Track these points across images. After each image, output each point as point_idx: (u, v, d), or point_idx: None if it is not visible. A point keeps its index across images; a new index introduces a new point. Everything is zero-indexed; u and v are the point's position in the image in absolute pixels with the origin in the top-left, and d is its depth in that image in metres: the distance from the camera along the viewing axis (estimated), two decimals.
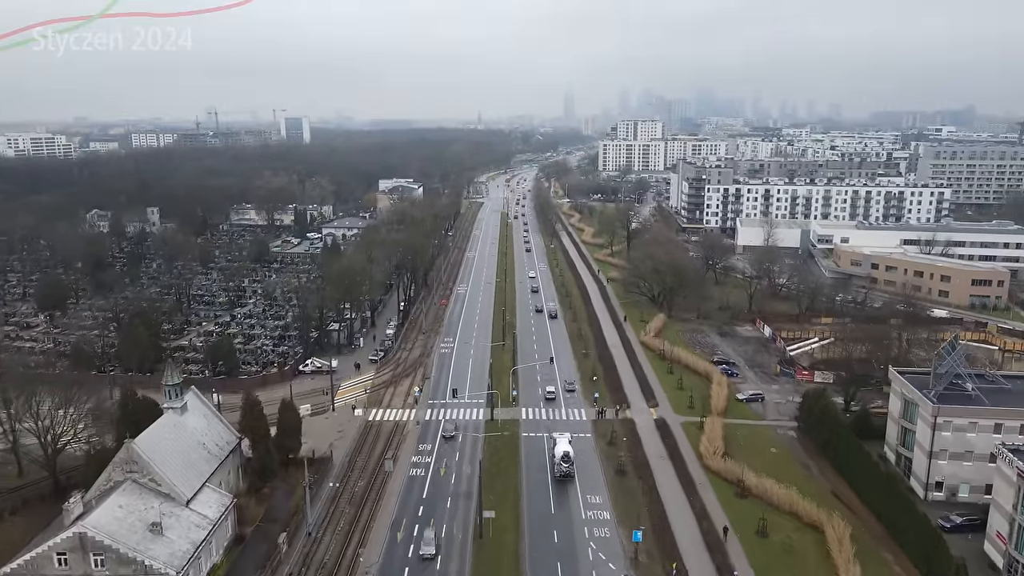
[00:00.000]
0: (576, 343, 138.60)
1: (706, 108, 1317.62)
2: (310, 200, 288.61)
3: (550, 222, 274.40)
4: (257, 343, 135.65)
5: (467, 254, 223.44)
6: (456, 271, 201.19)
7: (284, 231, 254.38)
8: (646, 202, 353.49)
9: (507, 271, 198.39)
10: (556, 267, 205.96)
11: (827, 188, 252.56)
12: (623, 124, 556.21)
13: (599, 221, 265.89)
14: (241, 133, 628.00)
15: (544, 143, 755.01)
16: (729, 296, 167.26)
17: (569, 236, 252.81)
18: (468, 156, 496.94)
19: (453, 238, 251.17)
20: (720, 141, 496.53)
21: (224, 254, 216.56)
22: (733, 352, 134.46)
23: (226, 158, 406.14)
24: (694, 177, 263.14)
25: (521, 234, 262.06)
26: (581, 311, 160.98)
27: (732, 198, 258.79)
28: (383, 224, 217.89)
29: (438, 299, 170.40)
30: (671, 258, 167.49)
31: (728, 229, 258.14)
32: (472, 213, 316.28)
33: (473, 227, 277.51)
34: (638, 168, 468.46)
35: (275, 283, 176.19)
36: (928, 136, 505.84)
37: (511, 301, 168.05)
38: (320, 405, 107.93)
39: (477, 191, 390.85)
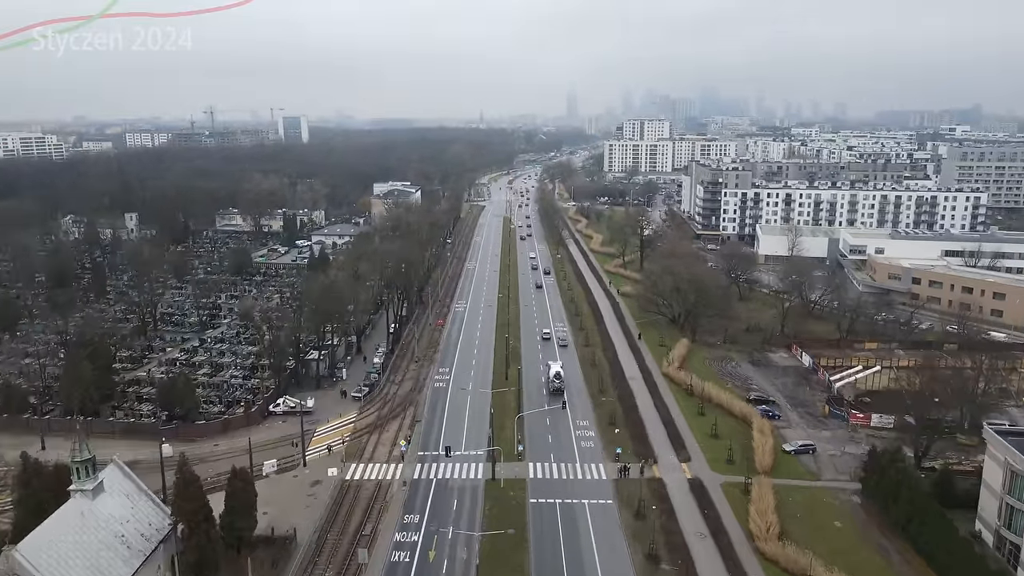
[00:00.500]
0: (590, 374, 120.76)
1: (710, 107, 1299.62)
2: (301, 204, 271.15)
3: (556, 228, 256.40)
4: (226, 375, 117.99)
5: (467, 265, 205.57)
6: (455, 285, 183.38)
7: (273, 238, 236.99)
8: (655, 205, 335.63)
9: (510, 286, 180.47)
10: (564, 280, 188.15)
11: (853, 192, 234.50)
12: (629, 124, 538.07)
13: (608, 228, 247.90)
14: (237, 133, 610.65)
15: (547, 143, 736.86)
16: (757, 315, 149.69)
17: (577, 244, 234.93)
18: (469, 156, 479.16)
19: (452, 246, 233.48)
20: (729, 141, 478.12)
21: (204, 265, 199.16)
22: (770, 386, 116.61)
23: (217, 159, 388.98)
24: (710, 181, 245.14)
25: (525, 241, 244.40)
26: (593, 333, 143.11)
27: (750, 203, 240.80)
28: (376, 232, 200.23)
29: (433, 318, 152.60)
30: (693, 273, 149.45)
31: (746, 236, 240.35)
32: (473, 218, 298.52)
33: (474, 233, 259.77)
34: (645, 169, 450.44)
35: (253, 301, 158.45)
36: (945, 136, 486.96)
37: (515, 321, 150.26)
38: (289, 459, 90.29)
39: (478, 193, 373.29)
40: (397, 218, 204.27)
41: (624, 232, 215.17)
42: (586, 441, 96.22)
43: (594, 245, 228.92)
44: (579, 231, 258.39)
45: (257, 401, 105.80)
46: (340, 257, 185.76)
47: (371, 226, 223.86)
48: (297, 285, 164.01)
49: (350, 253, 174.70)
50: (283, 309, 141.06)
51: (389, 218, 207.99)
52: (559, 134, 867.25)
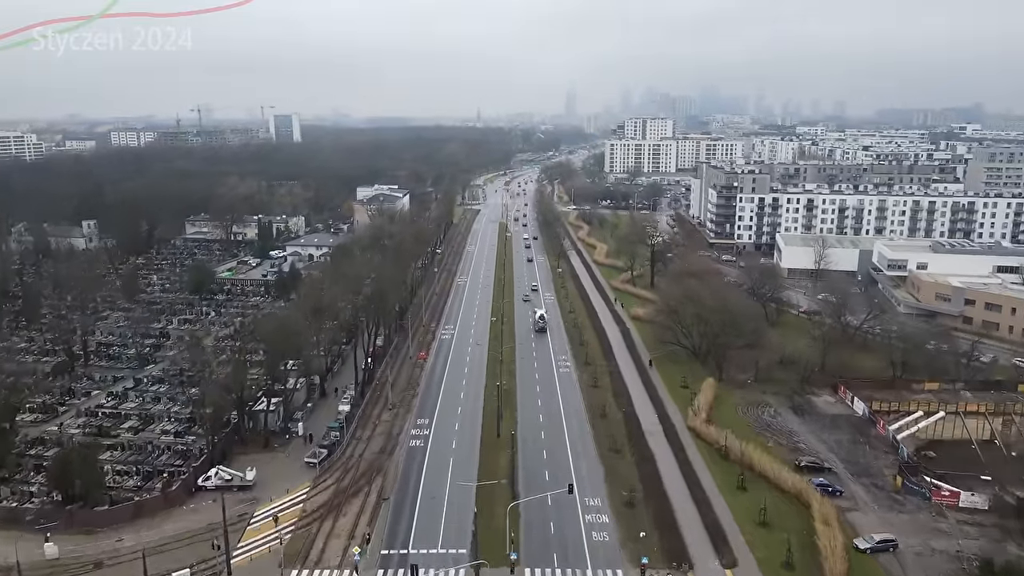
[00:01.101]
0: (599, 426, 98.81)
1: (710, 106, 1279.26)
2: (280, 209, 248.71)
3: (556, 237, 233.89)
4: (154, 430, 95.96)
5: (457, 280, 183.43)
6: (442, 305, 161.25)
7: (247, 247, 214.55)
8: (661, 209, 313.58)
9: (505, 307, 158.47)
10: (566, 299, 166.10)
11: (881, 198, 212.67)
12: (631, 122, 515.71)
13: (613, 237, 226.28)
14: (226, 132, 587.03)
15: (545, 142, 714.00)
16: (789, 343, 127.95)
17: (579, 255, 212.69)
18: (464, 156, 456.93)
19: (442, 256, 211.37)
20: (735, 140, 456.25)
21: (163, 280, 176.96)
22: (820, 444, 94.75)
23: (199, 159, 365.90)
24: (724, 185, 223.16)
25: (522, 251, 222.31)
26: (602, 369, 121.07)
27: (768, 209, 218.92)
28: (356, 243, 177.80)
29: (415, 349, 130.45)
30: (715, 295, 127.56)
31: (763, 245, 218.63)
32: (467, 223, 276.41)
33: (467, 241, 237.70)
34: (648, 170, 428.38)
35: (209, 327, 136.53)
36: (960, 136, 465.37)
37: (510, 353, 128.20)
38: (207, 567, 68.30)
39: (473, 196, 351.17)
40: (379, 228, 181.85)
41: (631, 243, 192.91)
42: (599, 532, 74.29)
43: (598, 256, 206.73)
44: (581, 239, 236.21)
45: (183, 471, 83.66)
46: (314, 272, 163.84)
47: (352, 236, 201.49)
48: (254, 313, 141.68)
49: (321, 274, 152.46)
50: (243, 336, 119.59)
51: (371, 228, 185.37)
52: (557, 133, 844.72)
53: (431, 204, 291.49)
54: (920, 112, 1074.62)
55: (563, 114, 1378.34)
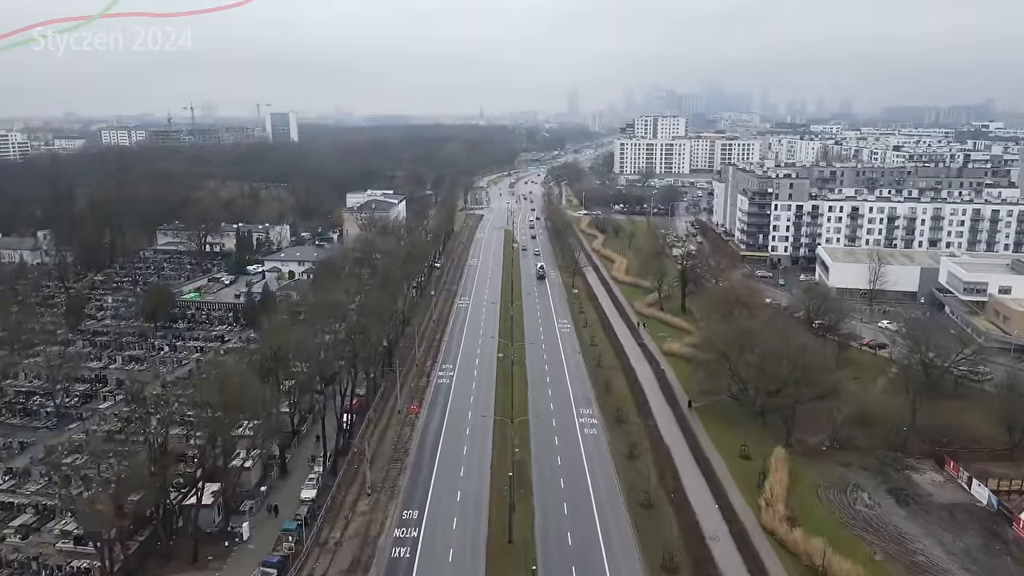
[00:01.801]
0: (643, 527, 73.88)
1: (715, 103, 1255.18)
2: (265, 216, 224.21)
3: (568, 248, 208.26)
4: (52, 530, 71.40)
5: (458, 303, 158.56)
6: (440, 335, 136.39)
7: (225, 260, 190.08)
8: (678, 214, 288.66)
9: (514, 336, 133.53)
10: (584, 327, 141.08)
11: (936, 206, 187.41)
12: (641, 120, 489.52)
13: (632, 249, 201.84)
14: (220, 130, 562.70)
15: (550, 140, 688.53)
16: (862, 388, 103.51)
17: (595, 270, 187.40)
18: (467, 156, 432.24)
19: (442, 272, 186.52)
20: (751, 140, 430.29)
21: (119, 303, 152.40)
22: (941, 551, 69.84)
23: (184, 160, 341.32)
24: (756, 191, 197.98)
25: (532, 264, 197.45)
26: (637, 428, 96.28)
27: (807, 218, 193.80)
28: (343, 260, 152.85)
29: (404, 400, 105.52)
30: (773, 332, 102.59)
31: (802, 259, 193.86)
32: (469, 231, 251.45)
33: (468, 253, 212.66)
34: (660, 171, 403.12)
35: (158, 369, 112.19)
36: (986, 134, 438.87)
37: (521, 402, 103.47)
38: None
39: (476, 199, 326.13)
40: (369, 243, 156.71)
41: (657, 259, 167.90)
42: None
43: (618, 272, 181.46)
44: (596, 251, 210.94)
45: None
46: (291, 296, 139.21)
47: (339, 250, 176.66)
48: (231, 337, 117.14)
49: (298, 298, 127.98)
50: (200, 385, 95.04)
51: (360, 241, 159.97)
52: (562, 131, 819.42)
53: (430, 210, 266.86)
54: (930, 110, 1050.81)
55: (566, 112, 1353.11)
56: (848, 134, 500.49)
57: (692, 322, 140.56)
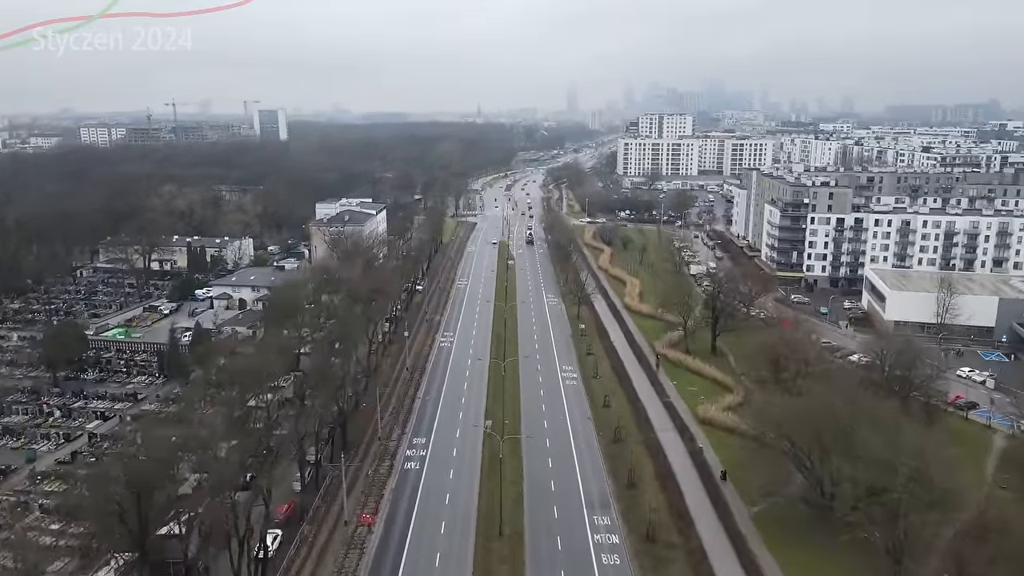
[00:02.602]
0: None
1: (715, 102, 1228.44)
2: (227, 228, 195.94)
3: (572, 266, 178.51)
4: None
5: (440, 340, 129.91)
6: (413, 389, 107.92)
7: (175, 281, 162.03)
8: (690, 222, 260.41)
9: (506, 394, 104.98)
10: (594, 377, 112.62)
11: (1002, 220, 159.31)
12: (645, 119, 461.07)
13: (645, 267, 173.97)
14: (204, 128, 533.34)
15: (549, 139, 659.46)
16: (975, 479, 75.82)
17: (604, 294, 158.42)
18: (461, 156, 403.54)
19: (424, 297, 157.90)
20: (763, 140, 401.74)
21: (24, 342, 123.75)
22: None
23: (153, 161, 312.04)
24: (790, 201, 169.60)
25: (529, 285, 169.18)
26: (675, 555, 68.09)
27: (849, 233, 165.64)
28: (300, 289, 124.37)
29: (354, 504, 76.88)
30: (862, 410, 74.28)
31: (842, 281, 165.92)
32: (459, 243, 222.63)
33: (457, 272, 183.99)
34: (667, 172, 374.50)
35: (28, 452, 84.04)
36: (1013, 133, 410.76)
37: (517, 499, 75.14)
38: None
39: (469, 205, 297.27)
40: (331, 272, 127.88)
41: (678, 285, 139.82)
42: None
43: (631, 298, 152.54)
44: (603, 269, 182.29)
45: None
46: (237, 332, 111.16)
47: (304, 271, 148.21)
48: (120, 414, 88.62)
49: (235, 346, 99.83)
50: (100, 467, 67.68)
51: (319, 271, 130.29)
52: (561, 129, 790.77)
53: (416, 218, 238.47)
54: (937, 108, 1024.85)
55: (565, 110, 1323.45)
56: (858, 133, 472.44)
57: (726, 370, 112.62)
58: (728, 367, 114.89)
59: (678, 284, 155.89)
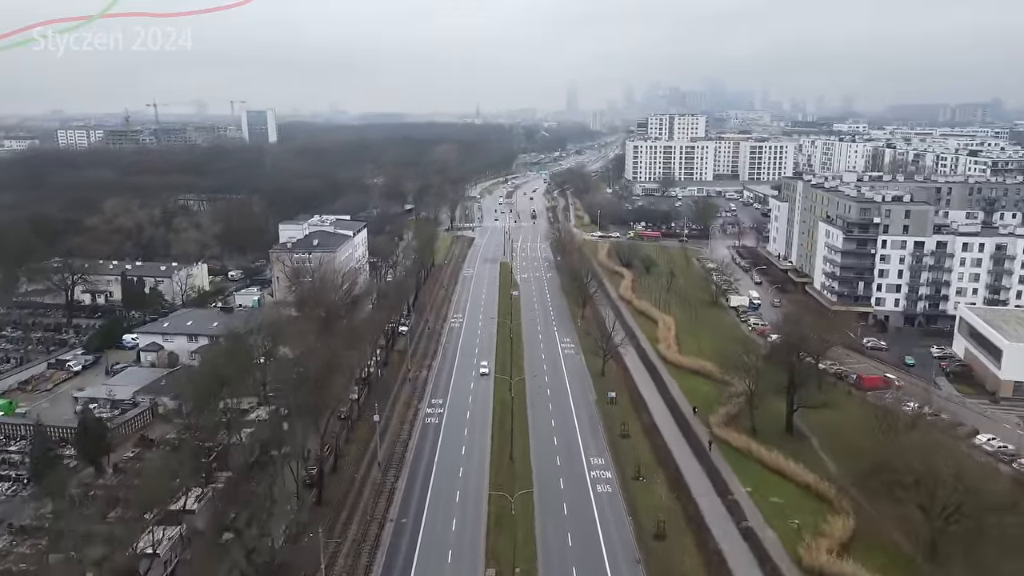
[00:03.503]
0: None
1: (716, 102, 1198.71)
2: (181, 250, 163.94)
3: (590, 301, 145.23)
4: None
5: (425, 411, 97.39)
6: (386, 502, 75.75)
7: (106, 317, 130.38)
8: (715, 236, 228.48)
9: (518, 532, 72.93)
10: (636, 478, 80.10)
11: None
12: (654, 119, 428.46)
13: (674, 295, 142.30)
14: (187, 129, 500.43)
15: (550, 140, 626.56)
16: None
17: (630, 335, 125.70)
18: (458, 159, 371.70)
19: (409, 342, 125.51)
20: (783, 142, 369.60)
21: None
22: None
23: (121, 167, 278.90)
24: (855, 221, 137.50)
25: (539, 322, 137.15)
26: None
27: (930, 260, 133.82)
28: (240, 342, 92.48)
29: None
30: None
31: (920, 318, 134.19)
32: (454, 264, 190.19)
33: (451, 304, 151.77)
34: (680, 177, 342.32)
35: None
36: None
37: None
38: None
39: (467, 215, 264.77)
40: (279, 329, 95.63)
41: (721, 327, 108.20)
42: None
43: (667, 346, 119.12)
44: (626, 300, 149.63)
45: None
46: (160, 405, 79.23)
47: (259, 314, 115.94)
48: None
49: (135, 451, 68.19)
50: None
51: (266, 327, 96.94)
52: (561, 130, 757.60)
53: (407, 232, 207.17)
54: (943, 108, 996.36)
55: (565, 110, 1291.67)
56: (874, 134, 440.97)
57: (813, 463, 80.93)
58: (815, 460, 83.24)
59: (720, 323, 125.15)
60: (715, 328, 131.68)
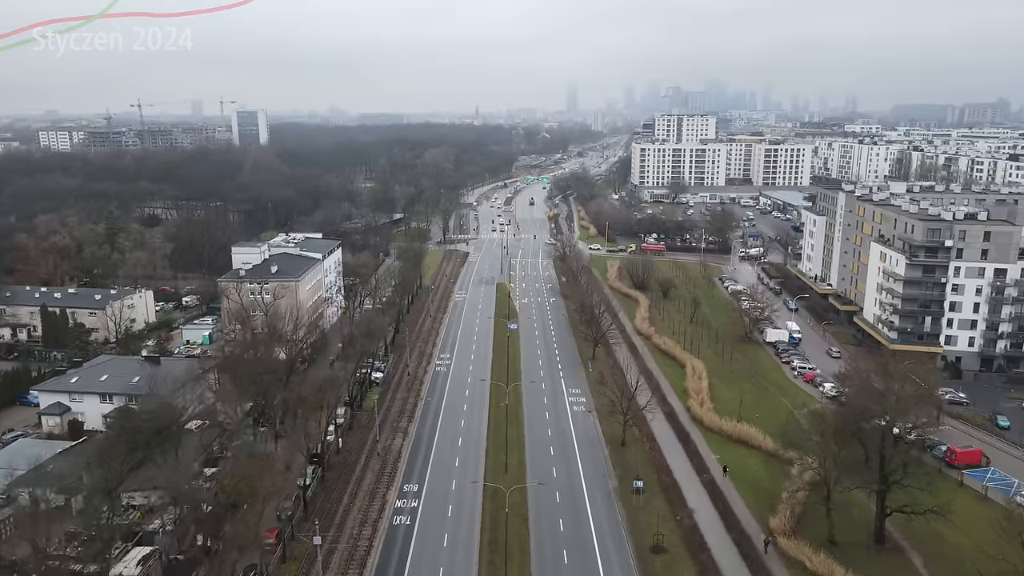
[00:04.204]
0: None
1: (717, 101, 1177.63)
2: (126, 273, 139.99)
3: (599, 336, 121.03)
4: None
5: (392, 499, 73.46)
6: None
7: (28, 358, 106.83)
8: (733, 248, 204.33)
9: None
10: None
11: None
12: (662, 120, 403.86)
13: (704, 333, 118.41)
14: (174, 130, 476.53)
15: (551, 142, 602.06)
16: None
17: (654, 387, 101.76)
18: (455, 162, 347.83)
19: (383, 393, 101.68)
20: (797, 144, 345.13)
21: None
22: None
23: (87, 172, 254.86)
24: (922, 244, 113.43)
25: (536, 372, 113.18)
26: None
27: (1014, 291, 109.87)
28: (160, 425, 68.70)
29: None
30: None
31: (999, 361, 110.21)
32: (444, 287, 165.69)
33: (438, 340, 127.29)
34: (690, 182, 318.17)
35: None
36: None
37: None
38: None
39: (462, 225, 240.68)
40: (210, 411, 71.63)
41: (760, 377, 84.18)
42: None
43: (699, 403, 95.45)
44: (643, 335, 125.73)
45: None
46: (35, 505, 55.52)
47: (198, 365, 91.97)
48: None
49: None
50: None
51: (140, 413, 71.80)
52: (562, 131, 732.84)
53: (393, 246, 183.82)
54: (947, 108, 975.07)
55: (565, 110, 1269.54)
56: (888, 135, 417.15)
57: None
58: None
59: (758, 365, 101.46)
60: (753, 373, 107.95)
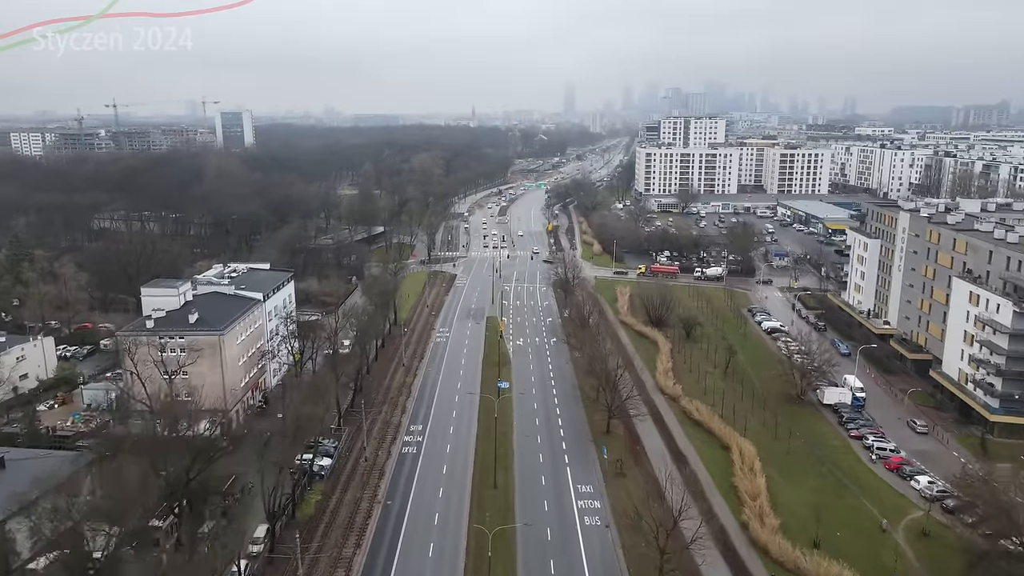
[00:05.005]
0: None
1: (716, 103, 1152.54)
2: (32, 311, 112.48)
3: (613, 407, 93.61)
4: None
5: None
6: None
7: None
8: (759, 272, 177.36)
9: None
10: None
11: None
12: (668, 123, 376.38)
13: (743, 393, 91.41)
14: (153, 132, 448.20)
15: (548, 144, 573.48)
16: None
17: (693, 486, 74.68)
18: (447, 168, 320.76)
19: (333, 486, 75.01)
20: (813, 149, 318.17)
21: None
22: None
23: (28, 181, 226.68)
24: None
25: (535, 462, 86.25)
26: None
27: None
28: None
29: None
30: None
31: None
32: (424, 322, 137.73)
33: (409, 402, 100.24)
34: (700, 190, 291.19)
35: None
36: None
37: None
38: None
39: (450, 240, 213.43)
40: None
41: (836, 466, 56.86)
42: None
43: (763, 525, 68.45)
44: (668, 393, 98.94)
45: None
46: None
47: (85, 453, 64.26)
48: None
49: None
50: None
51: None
52: (560, 132, 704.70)
53: (367, 270, 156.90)
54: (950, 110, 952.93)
55: (562, 111, 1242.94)
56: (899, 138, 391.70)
57: None
58: None
59: (820, 442, 75.38)
60: (816, 456, 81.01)
